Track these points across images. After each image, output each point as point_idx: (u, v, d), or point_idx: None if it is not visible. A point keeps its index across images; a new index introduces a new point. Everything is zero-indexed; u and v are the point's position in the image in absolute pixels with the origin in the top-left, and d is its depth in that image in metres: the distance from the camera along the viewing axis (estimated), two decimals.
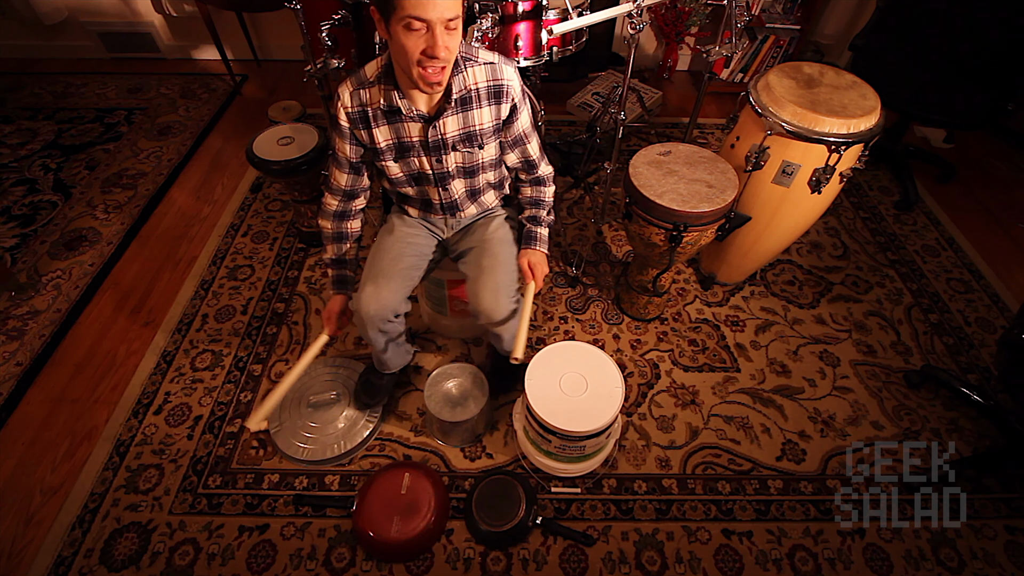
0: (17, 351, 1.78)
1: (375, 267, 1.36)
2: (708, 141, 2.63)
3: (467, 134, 1.24)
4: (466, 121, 1.22)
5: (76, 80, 2.95)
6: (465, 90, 1.18)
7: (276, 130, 1.91)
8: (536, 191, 1.42)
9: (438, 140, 1.23)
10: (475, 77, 1.18)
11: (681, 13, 2.69)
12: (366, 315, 1.32)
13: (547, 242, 1.44)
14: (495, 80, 1.19)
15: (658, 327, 1.87)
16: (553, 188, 1.44)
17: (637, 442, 1.59)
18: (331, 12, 1.64)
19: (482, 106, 1.21)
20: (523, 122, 1.29)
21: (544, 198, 1.42)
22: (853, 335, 1.86)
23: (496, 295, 1.31)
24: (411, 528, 1.32)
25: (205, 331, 1.84)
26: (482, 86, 1.19)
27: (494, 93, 1.21)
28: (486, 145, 1.28)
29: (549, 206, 1.44)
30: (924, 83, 2.16)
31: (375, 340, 1.42)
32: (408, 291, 1.38)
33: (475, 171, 1.32)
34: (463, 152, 1.27)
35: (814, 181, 1.53)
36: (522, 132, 1.30)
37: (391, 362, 1.54)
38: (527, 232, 1.43)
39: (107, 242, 2.13)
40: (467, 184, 1.35)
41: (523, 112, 1.27)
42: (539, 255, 1.41)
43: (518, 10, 1.54)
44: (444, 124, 1.21)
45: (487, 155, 1.30)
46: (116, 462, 1.52)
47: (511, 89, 1.22)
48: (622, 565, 1.37)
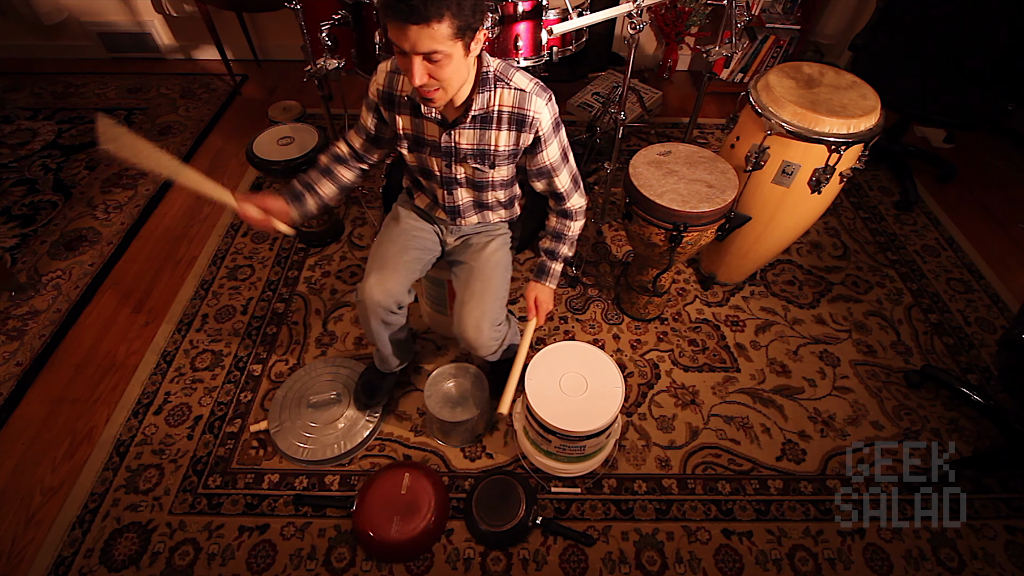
0: (17, 351, 1.78)
1: (380, 257, 1.36)
2: (708, 141, 2.63)
3: (480, 151, 1.21)
4: (481, 139, 1.19)
5: (76, 80, 2.94)
6: (486, 110, 1.15)
7: (276, 130, 1.92)
8: (560, 223, 1.38)
9: (451, 147, 1.21)
10: (501, 99, 1.15)
11: (681, 13, 2.69)
12: (370, 304, 1.32)
13: (559, 278, 1.42)
14: (521, 109, 1.15)
15: (658, 327, 1.87)
16: (581, 223, 1.39)
17: (637, 442, 1.59)
18: (331, 12, 1.64)
19: (501, 129, 1.18)
20: (551, 155, 1.24)
21: (567, 232, 1.38)
22: (853, 335, 1.86)
23: (480, 324, 1.31)
24: (411, 528, 1.32)
25: (205, 331, 1.84)
26: (506, 110, 1.16)
27: (517, 120, 1.17)
28: (498, 166, 1.25)
29: (572, 241, 1.40)
30: (924, 83, 2.16)
31: (377, 332, 1.41)
32: (411, 282, 1.38)
33: (483, 186, 1.30)
34: (473, 167, 1.25)
35: (814, 181, 1.53)
36: (548, 164, 1.26)
37: (392, 360, 1.54)
38: (540, 264, 1.41)
39: (107, 242, 2.13)
40: (473, 196, 1.34)
41: (552, 145, 1.23)
42: (547, 291, 1.40)
43: (518, 10, 1.54)
44: (460, 134, 1.19)
45: (498, 175, 1.27)
46: (116, 462, 1.52)
47: (537, 122, 1.17)
48: (622, 565, 1.37)
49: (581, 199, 1.36)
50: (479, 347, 1.36)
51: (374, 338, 1.44)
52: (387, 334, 1.44)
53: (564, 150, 1.27)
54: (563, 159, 1.28)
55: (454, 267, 1.46)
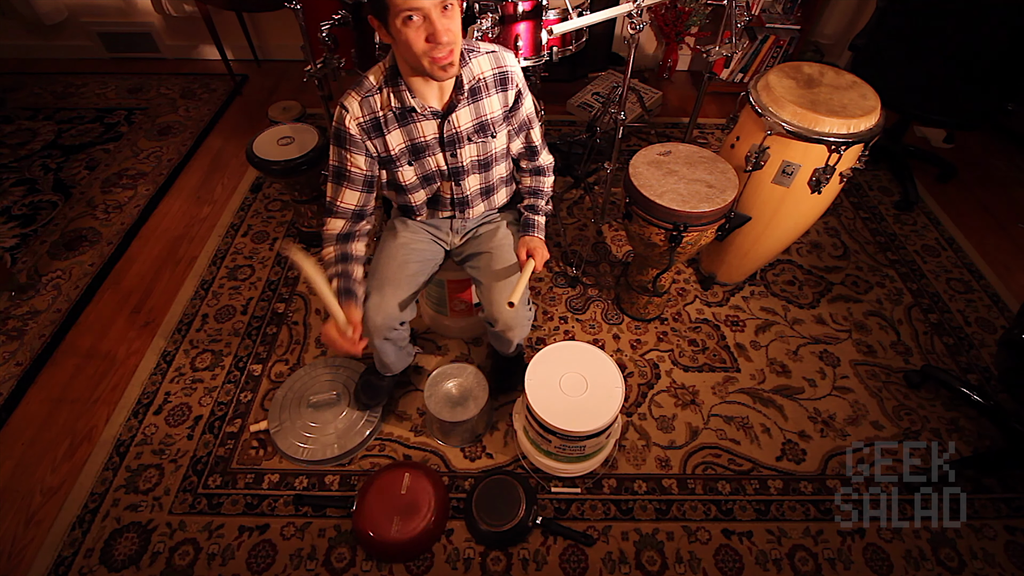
0: (17, 351, 1.78)
1: (379, 275, 1.35)
2: (708, 141, 2.63)
3: (480, 124, 1.25)
4: (478, 111, 1.24)
5: (76, 80, 2.95)
6: (474, 80, 1.21)
7: (276, 130, 1.92)
8: (536, 180, 1.44)
9: (453, 134, 1.24)
10: (481, 67, 1.21)
11: (681, 13, 2.69)
12: (373, 326, 1.31)
13: (543, 230, 1.44)
14: (500, 67, 1.22)
15: (658, 327, 1.87)
16: (552, 179, 1.46)
17: (637, 442, 1.59)
18: (331, 12, 1.64)
19: (491, 94, 1.24)
20: (527, 107, 1.31)
21: (543, 187, 1.44)
22: (853, 335, 1.86)
23: (516, 309, 1.30)
24: (411, 528, 1.32)
25: (205, 331, 1.84)
26: (488, 74, 1.22)
27: (500, 80, 1.23)
28: (498, 133, 1.29)
29: (548, 196, 1.46)
30: (924, 83, 2.16)
31: (382, 348, 1.42)
32: (413, 297, 1.37)
33: (489, 163, 1.33)
34: (477, 143, 1.28)
35: (814, 181, 1.53)
36: (526, 117, 1.33)
37: (394, 365, 1.54)
38: (524, 220, 1.44)
39: (107, 242, 2.13)
40: (481, 180, 1.36)
41: (527, 97, 1.30)
42: (537, 240, 1.41)
43: (518, 10, 1.54)
44: (458, 117, 1.22)
45: (499, 144, 1.31)
46: (116, 462, 1.52)
47: (515, 75, 1.25)
48: (622, 565, 1.37)
49: (549, 156, 1.43)
50: (515, 326, 1.37)
51: (379, 352, 1.44)
52: (392, 348, 1.44)
53: (534, 103, 1.34)
54: (535, 112, 1.35)
55: (469, 262, 1.46)
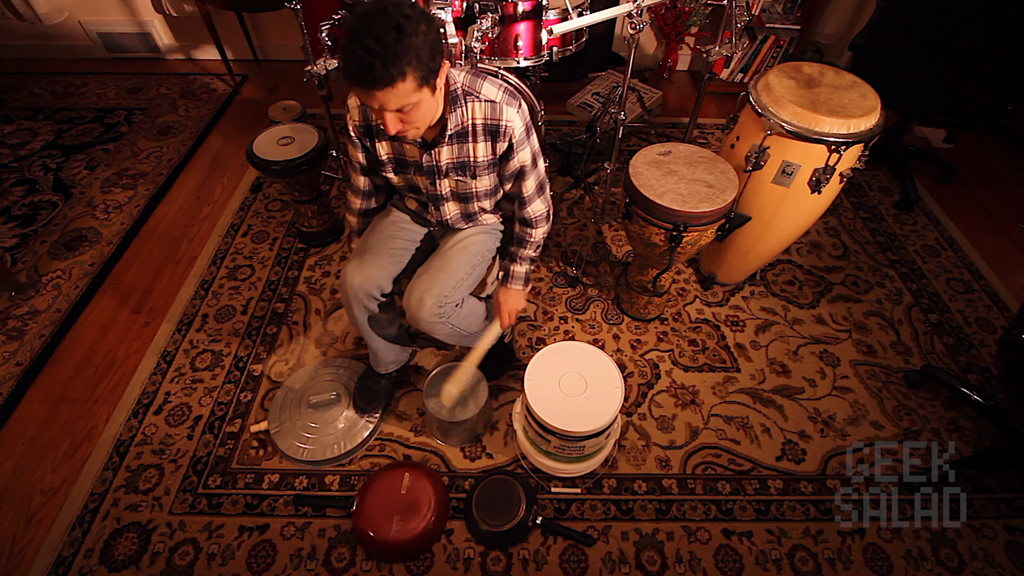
0: (17, 351, 1.78)
1: (364, 244, 1.39)
2: (708, 141, 2.63)
3: (461, 163, 1.24)
4: (460, 152, 1.22)
5: (76, 80, 2.94)
6: (461, 126, 1.18)
7: (276, 130, 1.91)
8: (522, 231, 1.40)
9: (432, 166, 1.25)
10: (472, 113, 1.17)
11: (681, 13, 2.69)
12: (350, 288, 1.34)
13: (523, 279, 1.43)
14: (494, 119, 1.18)
15: (658, 327, 1.87)
16: (543, 230, 1.40)
17: (637, 442, 1.59)
18: (331, 12, 1.64)
19: (478, 141, 1.21)
20: (521, 159, 1.26)
21: (528, 238, 1.40)
22: (853, 335, 1.86)
23: (423, 297, 1.30)
24: (411, 528, 1.32)
25: (205, 331, 1.84)
26: (479, 123, 1.18)
27: (491, 131, 1.19)
28: (479, 176, 1.27)
29: (535, 245, 1.41)
30: (924, 83, 2.16)
31: (360, 321, 1.42)
32: (395, 272, 1.38)
33: (468, 198, 1.33)
34: (456, 180, 1.28)
35: (814, 181, 1.53)
36: (520, 168, 1.28)
37: (385, 357, 1.54)
38: (503, 267, 1.45)
39: (107, 242, 2.13)
40: (461, 208, 1.37)
41: (522, 151, 1.25)
42: (511, 293, 1.42)
43: (518, 10, 1.54)
44: (440, 152, 1.22)
45: (481, 185, 1.30)
46: (116, 462, 1.52)
47: (510, 130, 1.19)
48: (622, 565, 1.37)
49: (542, 205, 1.36)
50: (417, 320, 1.33)
51: (358, 327, 1.45)
52: (369, 323, 1.44)
53: (535, 155, 1.29)
54: (533, 164, 1.29)
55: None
